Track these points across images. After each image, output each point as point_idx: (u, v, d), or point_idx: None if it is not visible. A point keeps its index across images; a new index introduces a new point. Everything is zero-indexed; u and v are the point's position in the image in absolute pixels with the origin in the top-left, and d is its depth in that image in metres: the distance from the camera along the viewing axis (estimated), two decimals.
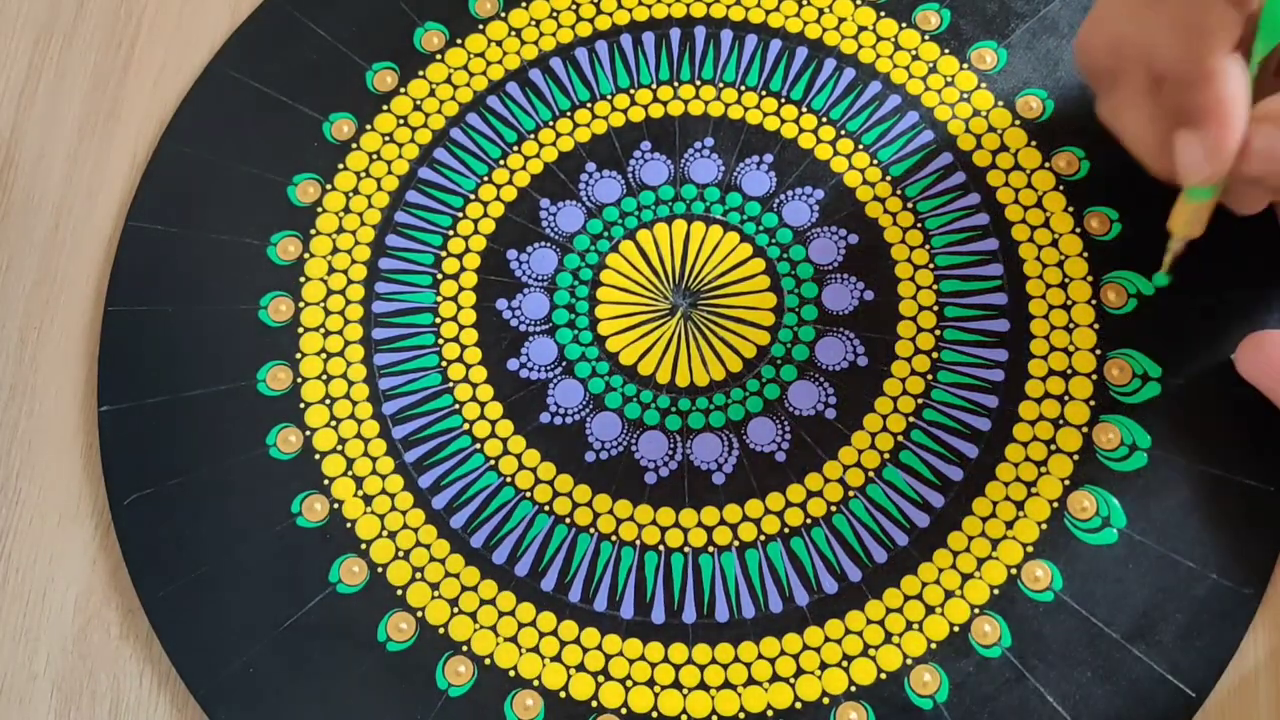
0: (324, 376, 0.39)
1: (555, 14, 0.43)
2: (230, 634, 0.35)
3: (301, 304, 0.39)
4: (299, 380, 0.38)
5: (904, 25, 0.42)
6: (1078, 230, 0.39)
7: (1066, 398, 0.37)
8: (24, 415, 0.38)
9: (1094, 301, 0.38)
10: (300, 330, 0.39)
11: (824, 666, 0.34)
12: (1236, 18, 0.29)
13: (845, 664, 0.34)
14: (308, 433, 0.38)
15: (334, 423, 0.38)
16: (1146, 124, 0.33)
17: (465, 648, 0.35)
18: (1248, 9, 0.29)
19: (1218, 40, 0.29)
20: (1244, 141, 0.30)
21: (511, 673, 0.34)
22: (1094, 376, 0.37)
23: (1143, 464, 0.36)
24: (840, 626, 0.35)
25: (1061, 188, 0.40)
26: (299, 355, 0.39)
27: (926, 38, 0.42)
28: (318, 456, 0.37)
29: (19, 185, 0.41)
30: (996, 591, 0.35)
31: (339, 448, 0.38)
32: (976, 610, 0.34)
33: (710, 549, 0.36)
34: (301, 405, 0.38)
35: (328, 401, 0.38)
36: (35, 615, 0.36)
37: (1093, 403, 0.37)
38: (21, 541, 0.37)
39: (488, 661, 0.34)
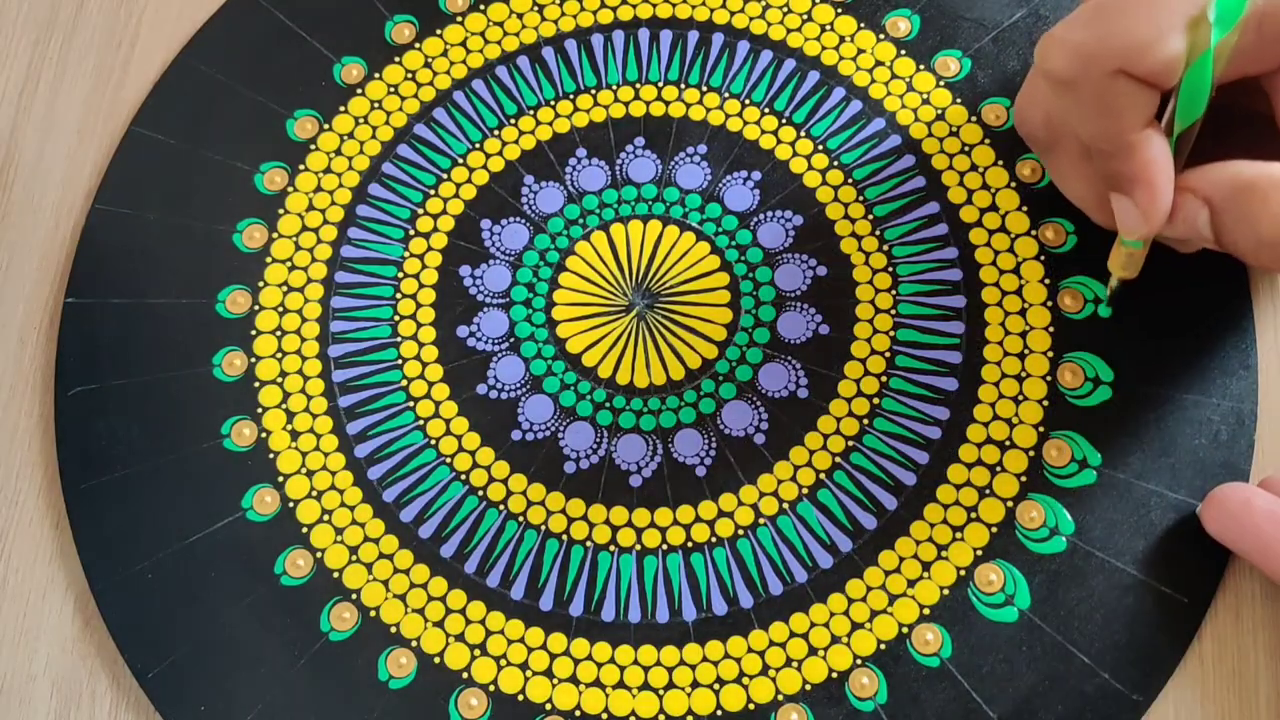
0: (279, 308, 0.40)
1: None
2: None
3: (275, 234, 0.41)
4: (253, 361, 0.39)
5: (921, 68, 0.41)
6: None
7: (999, 468, 0.37)
8: (24, 415, 0.39)
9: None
10: (269, 259, 0.41)
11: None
12: (1149, 95, 0.31)
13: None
14: (252, 359, 0.39)
15: (279, 354, 0.39)
16: (1085, 186, 0.35)
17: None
18: (1164, 87, 0.30)
19: (1131, 119, 0.31)
20: (1173, 206, 0.32)
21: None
22: (1031, 453, 0.37)
23: (1060, 549, 0.35)
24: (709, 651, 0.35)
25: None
26: (261, 283, 0.40)
27: (942, 83, 0.41)
28: (256, 384, 0.39)
29: (19, 185, 0.42)
30: (883, 646, 0.35)
31: (278, 379, 0.39)
32: (859, 661, 0.35)
33: (632, 547, 0.37)
34: (252, 332, 0.39)
35: (278, 332, 0.40)
36: (35, 615, 0.37)
37: (1024, 478, 0.36)
38: (21, 541, 0.38)
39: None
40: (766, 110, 0.41)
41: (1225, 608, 0.35)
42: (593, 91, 0.42)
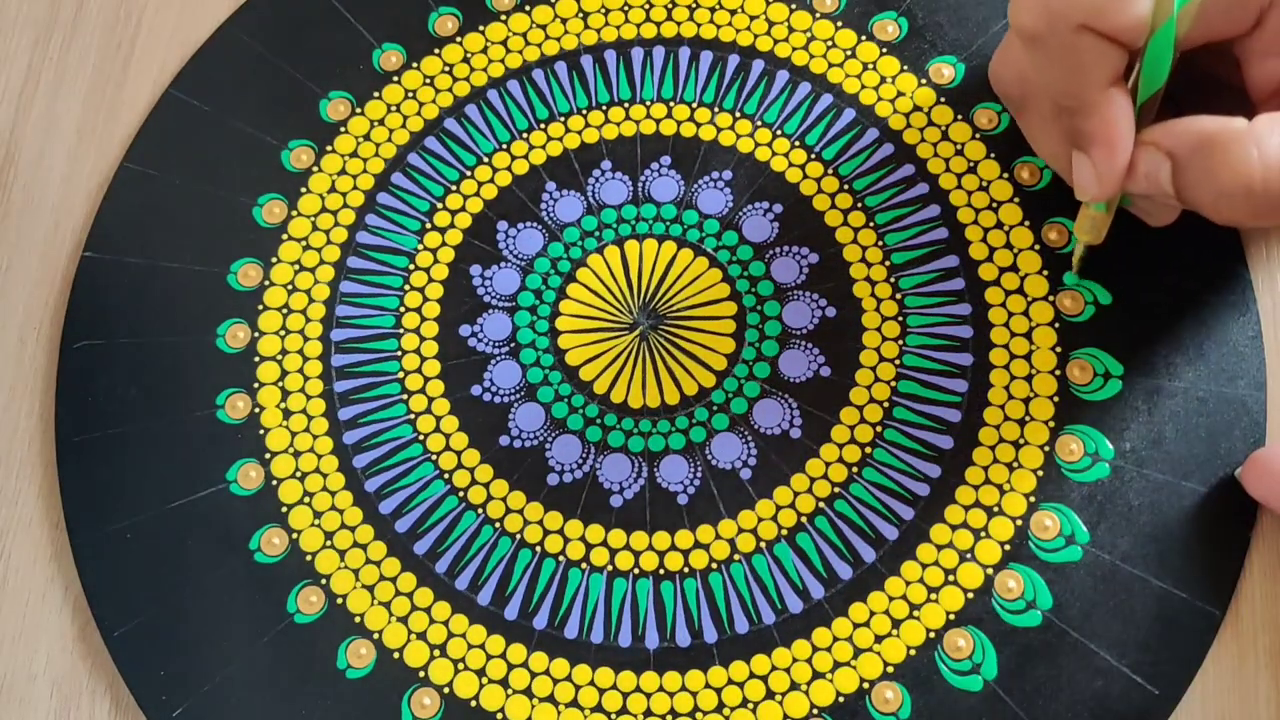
0: (289, 286, 0.40)
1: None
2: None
3: (294, 212, 0.41)
4: (256, 335, 0.40)
5: (958, 117, 0.40)
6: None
7: (983, 533, 0.36)
8: (24, 415, 0.39)
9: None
10: (285, 236, 0.41)
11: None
12: (1114, 53, 0.31)
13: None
14: (256, 334, 0.39)
15: (283, 331, 0.40)
16: (1055, 144, 0.36)
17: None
18: (1131, 46, 0.31)
19: (1095, 75, 0.32)
20: (1131, 162, 0.32)
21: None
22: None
23: (1035, 623, 0.34)
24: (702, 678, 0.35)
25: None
26: (260, 308, 0.40)
27: (977, 135, 0.40)
28: (257, 359, 0.39)
29: (19, 185, 0.42)
30: (841, 700, 0.34)
31: (278, 356, 0.39)
32: (815, 711, 0.34)
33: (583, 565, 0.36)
34: (256, 361, 0.39)
35: (284, 310, 0.40)
36: (35, 615, 0.37)
37: (1008, 546, 0.36)
38: (21, 541, 0.38)
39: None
40: (796, 143, 0.41)
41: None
42: (625, 105, 0.42)
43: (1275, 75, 0.34)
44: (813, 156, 0.40)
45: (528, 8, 0.43)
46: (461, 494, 0.37)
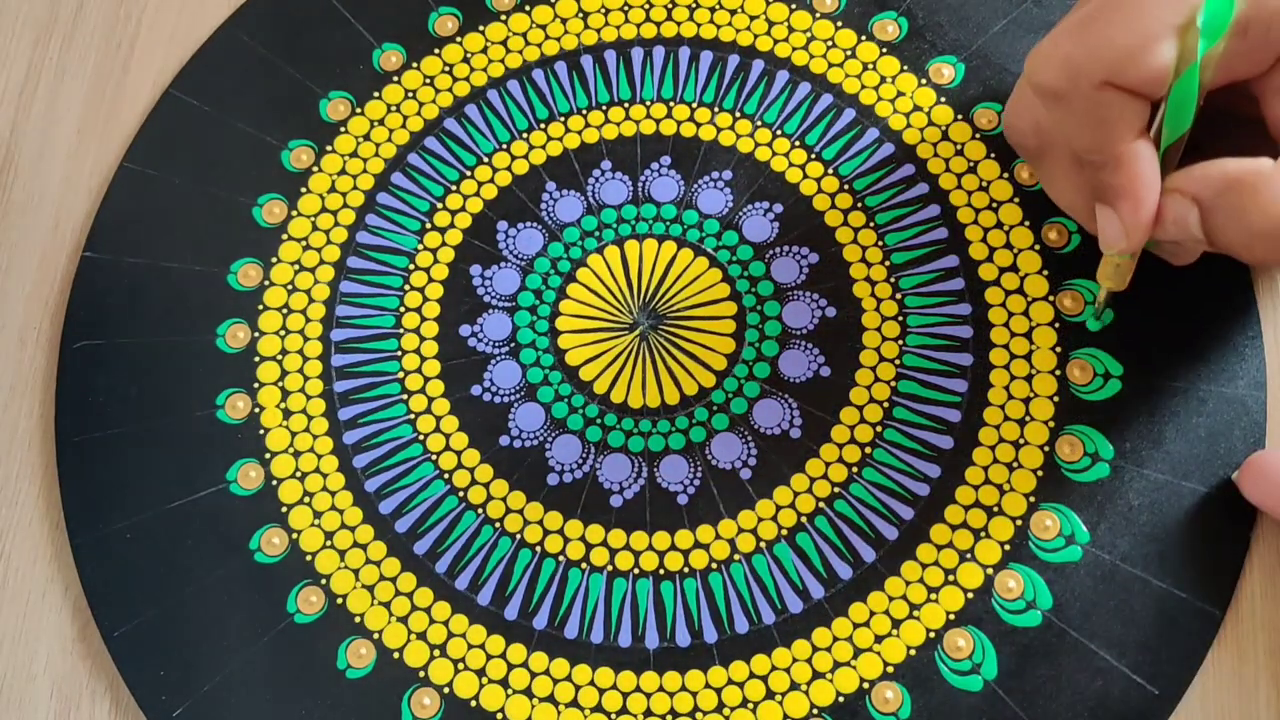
0: (289, 286, 0.40)
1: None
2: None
3: (294, 212, 0.41)
4: (256, 335, 0.40)
5: (959, 117, 0.40)
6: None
7: (983, 533, 0.36)
8: (24, 415, 0.39)
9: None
10: (285, 236, 0.41)
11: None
12: (1138, 107, 0.31)
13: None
14: (256, 334, 0.39)
15: (283, 331, 0.40)
16: (1075, 193, 0.35)
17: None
18: (1154, 98, 0.31)
19: (1120, 130, 0.31)
20: (1158, 210, 0.32)
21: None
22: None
23: (1035, 623, 0.34)
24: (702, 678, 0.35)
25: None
26: (260, 308, 0.40)
27: (977, 135, 0.40)
28: (257, 359, 0.39)
29: (19, 185, 0.42)
30: (841, 699, 0.34)
31: (278, 356, 0.39)
32: (815, 710, 0.34)
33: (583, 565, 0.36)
34: (256, 361, 0.39)
35: (284, 310, 0.40)
36: (35, 615, 0.37)
37: (1008, 546, 0.36)
38: (21, 541, 0.38)
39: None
40: (797, 143, 0.41)
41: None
42: (625, 105, 0.42)
43: None
44: (813, 156, 0.40)
45: (528, 8, 0.43)
46: (461, 494, 0.37)
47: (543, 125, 0.42)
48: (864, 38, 0.42)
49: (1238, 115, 0.34)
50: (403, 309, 0.40)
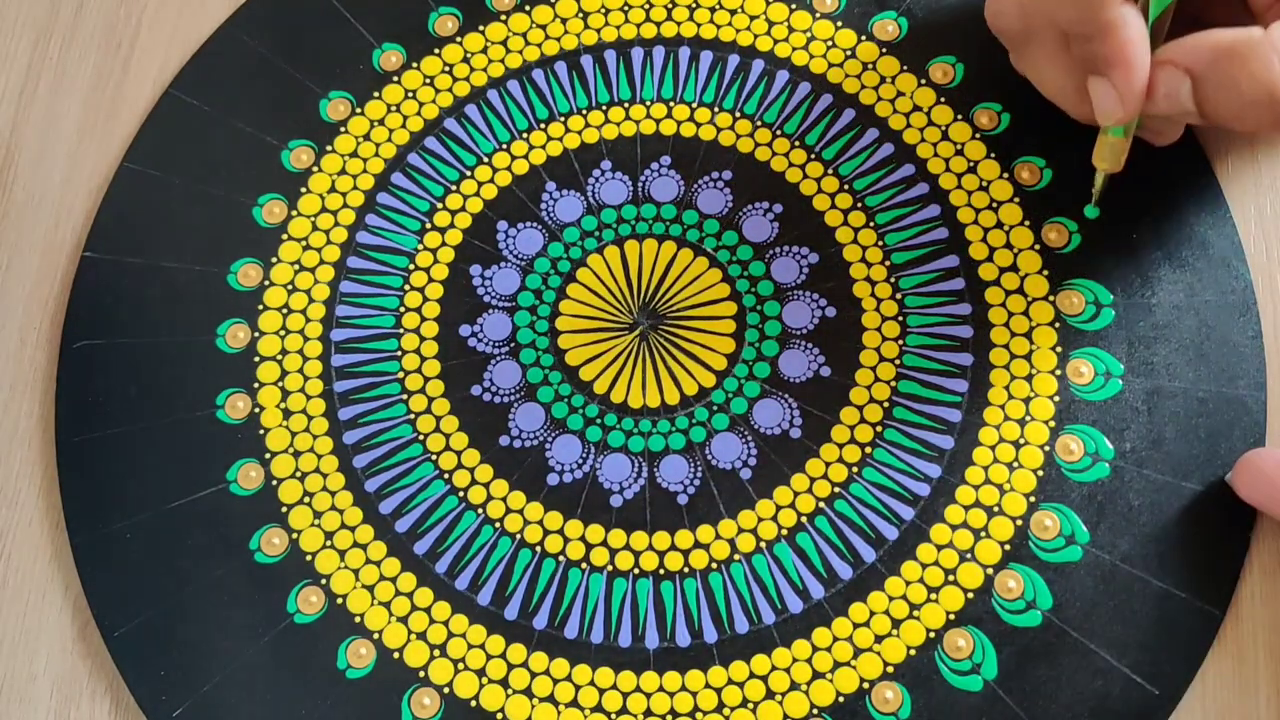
0: (289, 286, 0.40)
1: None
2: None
3: (294, 212, 0.41)
4: (256, 335, 0.40)
5: (959, 117, 0.40)
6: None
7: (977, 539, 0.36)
8: (24, 415, 0.39)
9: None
10: (285, 236, 0.41)
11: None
12: None
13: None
14: (256, 334, 0.39)
15: (283, 332, 0.40)
16: (1063, 75, 0.35)
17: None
18: None
19: None
20: (1150, 84, 0.32)
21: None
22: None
23: (1035, 623, 0.35)
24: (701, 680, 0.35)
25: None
26: (260, 308, 0.40)
27: (977, 135, 0.40)
28: (256, 359, 0.39)
29: (19, 185, 0.42)
30: (841, 699, 0.34)
31: (278, 356, 0.39)
32: (815, 710, 0.34)
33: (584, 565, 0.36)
34: (255, 361, 0.39)
35: (284, 310, 0.40)
36: (35, 615, 0.37)
37: (1008, 546, 0.36)
38: (21, 541, 0.38)
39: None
40: (796, 143, 0.41)
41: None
42: (625, 105, 0.42)
43: None
44: (813, 156, 0.40)
45: (528, 8, 0.43)
46: (461, 494, 0.37)
47: (543, 125, 0.42)
48: (864, 38, 0.42)
49: None
50: (403, 309, 0.40)
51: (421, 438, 0.38)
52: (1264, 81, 0.31)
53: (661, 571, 0.36)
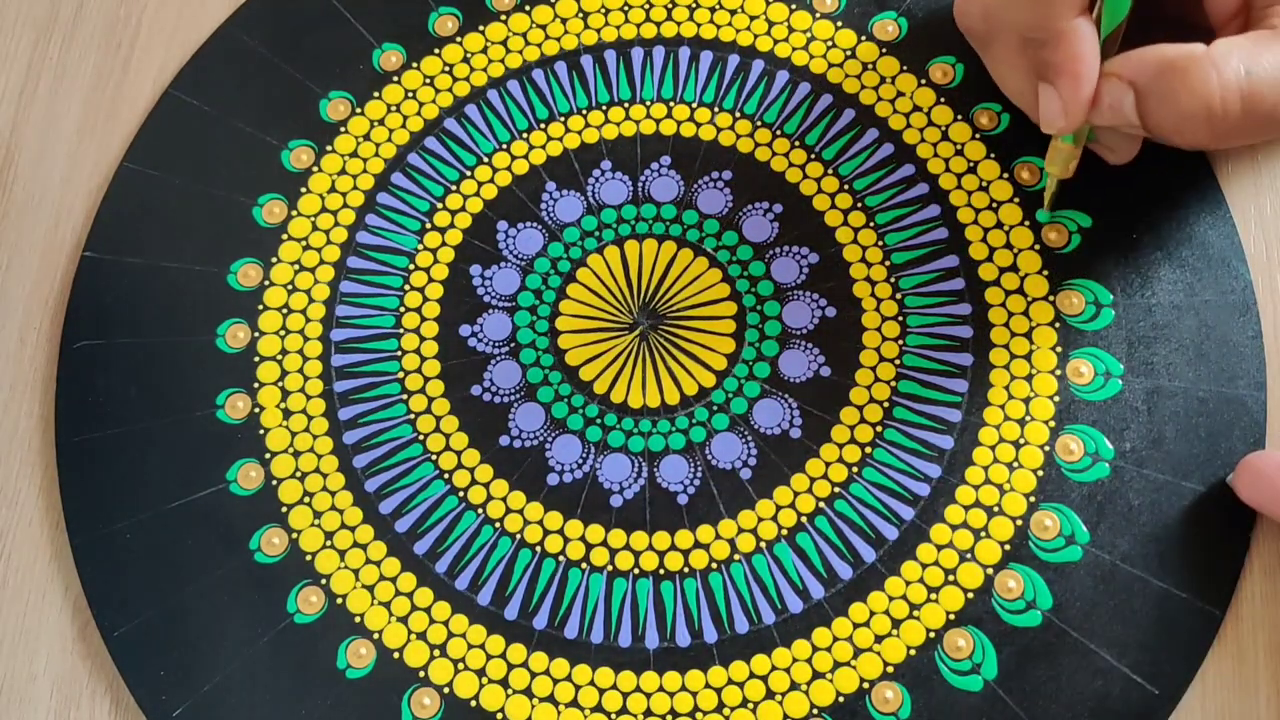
0: (289, 286, 0.40)
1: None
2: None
3: (294, 212, 0.41)
4: (256, 335, 0.40)
5: (959, 117, 0.40)
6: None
7: (980, 536, 0.36)
8: (24, 415, 0.39)
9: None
10: (285, 236, 0.41)
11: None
12: None
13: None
14: (256, 334, 0.39)
15: (283, 331, 0.39)
16: (1022, 79, 0.36)
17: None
18: None
19: (1062, 6, 0.33)
20: (1095, 94, 0.33)
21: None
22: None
23: (1035, 623, 0.35)
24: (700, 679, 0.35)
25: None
26: (260, 308, 0.40)
27: (977, 135, 0.40)
28: (256, 359, 0.39)
29: (19, 185, 0.42)
30: (841, 700, 0.34)
31: (278, 356, 0.39)
32: (815, 710, 0.34)
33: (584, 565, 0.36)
34: (255, 363, 0.39)
35: (284, 310, 0.40)
36: (35, 615, 0.37)
37: (1008, 546, 0.36)
38: (21, 541, 0.38)
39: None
40: (796, 143, 0.41)
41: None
42: (625, 105, 0.42)
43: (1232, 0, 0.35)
44: (813, 156, 0.40)
45: (528, 8, 0.43)
46: (461, 494, 0.37)
47: (543, 125, 0.42)
48: (864, 38, 0.42)
49: (1177, 15, 0.36)
50: (403, 309, 0.40)
51: (421, 438, 0.38)
52: (1200, 96, 0.32)
53: (661, 571, 0.36)
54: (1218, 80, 0.32)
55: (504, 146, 0.41)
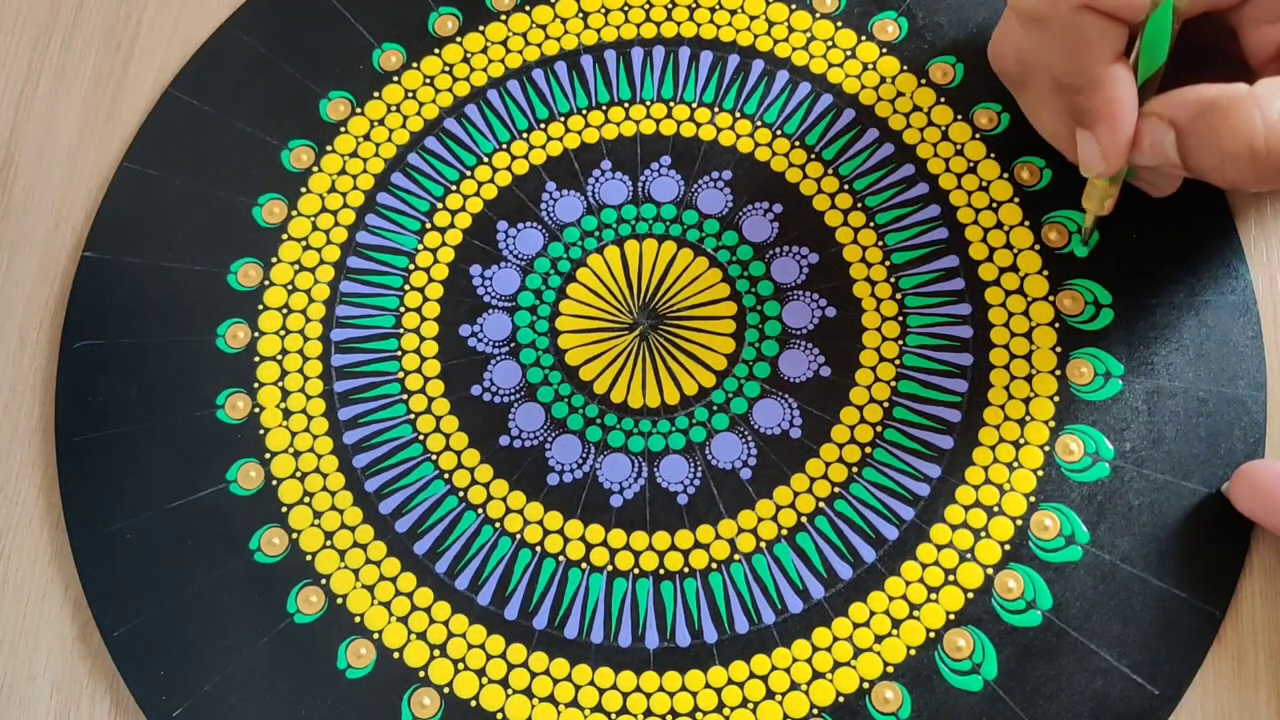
0: (289, 286, 0.40)
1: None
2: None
3: (294, 212, 0.41)
4: (256, 335, 0.40)
5: (958, 116, 0.40)
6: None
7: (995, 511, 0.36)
8: (24, 415, 0.39)
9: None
10: (285, 236, 0.41)
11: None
12: (1116, 30, 0.32)
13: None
14: (256, 334, 0.39)
15: (283, 331, 0.39)
16: (1057, 121, 0.36)
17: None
18: (1131, 22, 0.32)
19: (1098, 53, 0.32)
20: (1136, 134, 0.33)
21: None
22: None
23: (1035, 623, 0.35)
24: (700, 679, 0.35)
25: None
26: (260, 308, 0.40)
27: (976, 135, 0.40)
28: (256, 359, 0.39)
29: (19, 185, 0.42)
30: (841, 699, 0.34)
31: (278, 356, 0.39)
32: (815, 710, 0.34)
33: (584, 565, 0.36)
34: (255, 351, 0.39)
35: (284, 310, 0.40)
36: (35, 615, 0.37)
37: (1008, 546, 0.36)
38: (21, 541, 0.38)
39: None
40: (796, 143, 0.41)
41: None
42: (625, 105, 0.42)
43: (1272, 41, 0.34)
44: (813, 156, 0.40)
45: (528, 8, 0.43)
46: (461, 494, 0.37)
47: (543, 125, 0.42)
48: (864, 38, 0.42)
49: (1216, 49, 0.35)
50: (403, 309, 0.40)
51: (421, 438, 0.38)
52: (1244, 137, 0.31)
53: (661, 571, 0.36)
54: (1261, 120, 0.31)
55: (504, 146, 0.41)
